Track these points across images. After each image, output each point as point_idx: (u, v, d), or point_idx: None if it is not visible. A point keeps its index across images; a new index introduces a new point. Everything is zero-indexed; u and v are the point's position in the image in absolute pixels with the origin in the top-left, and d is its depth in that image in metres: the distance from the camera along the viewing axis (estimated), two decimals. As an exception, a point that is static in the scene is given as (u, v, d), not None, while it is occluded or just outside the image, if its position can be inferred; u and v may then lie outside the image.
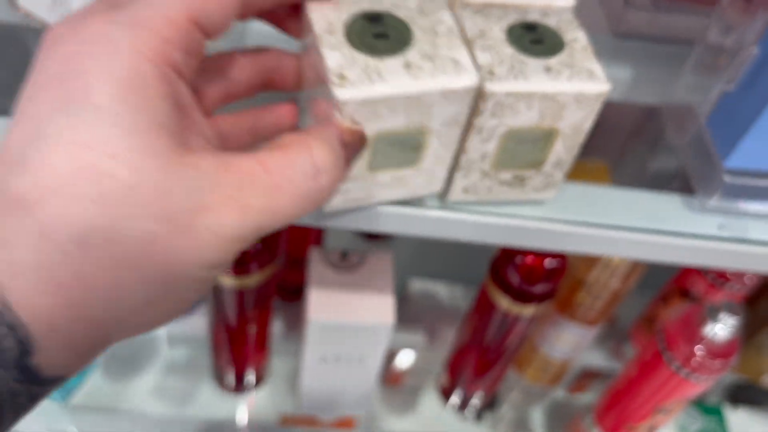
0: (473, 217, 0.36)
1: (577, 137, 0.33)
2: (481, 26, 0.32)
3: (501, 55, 0.31)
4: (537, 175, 0.35)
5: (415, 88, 0.27)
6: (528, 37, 0.32)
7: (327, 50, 0.27)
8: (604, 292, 0.58)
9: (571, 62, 0.31)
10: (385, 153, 0.30)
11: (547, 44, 0.32)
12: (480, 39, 0.31)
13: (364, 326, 0.53)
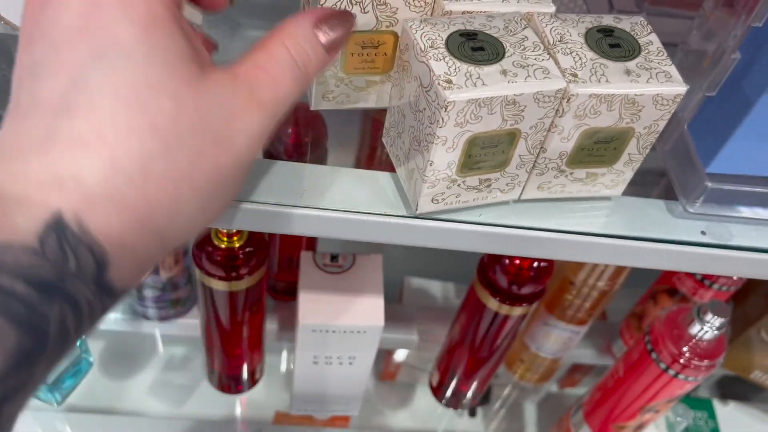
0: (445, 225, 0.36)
1: (650, 137, 0.35)
2: (560, 32, 0.34)
3: (582, 59, 0.33)
4: (609, 173, 0.37)
5: (512, 90, 0.30)
6: (606, 41, 0.34)
7: (433, 61, 0.30)
8: (593, 293, 0.59)
9: (648, 65, 0.33)
10: (477, 156, 0.33)
11: (624, 48, 0.34)
12: (560, 43, 0.33)
13: (354, 328, 0.53)
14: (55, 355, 0.22)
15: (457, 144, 0.32)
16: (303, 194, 0.36)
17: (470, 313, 0.58)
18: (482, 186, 0.35)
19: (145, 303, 0.66)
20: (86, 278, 0.22)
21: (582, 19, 0.35)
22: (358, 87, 0.37)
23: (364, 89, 0.37)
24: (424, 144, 0.33)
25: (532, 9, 0.35)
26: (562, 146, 0.34)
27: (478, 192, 0.35)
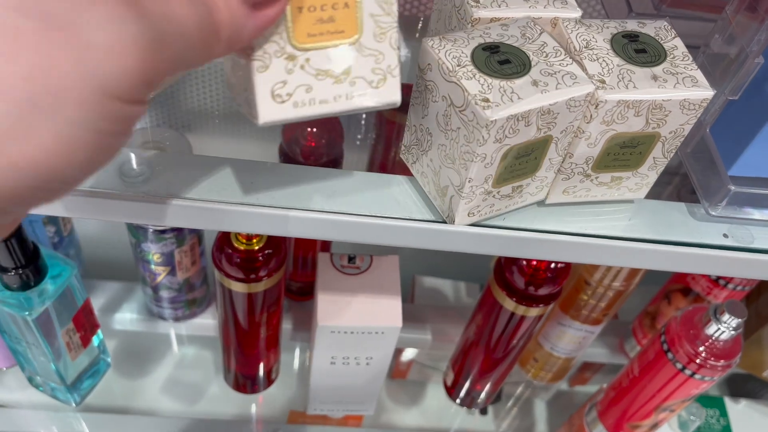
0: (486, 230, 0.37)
1: (675, 141, 0.36)
2: (585, 38, 0.34)
3: (609, 65, 0.33)
4: (634, 176, 0.37)
5: (547, 100, 0.30)
6: (632, 46, 0.34)
7: (465, 80, 0.30)
8: (608, 293, 0.59)
9: (674, 70, 0.34)
10: (511, 166, 0.33)
11: (650, 53, 0.34)
12: (587, 50, 0.34)
13: (373, 329, 0.53)
14: None
15: (495, 159, 0.32)
16: (331, 197, 0.36)
17: (486, 313, 0.58)
18: (514, 193, 0.35)
19: (161, 303, 0.67)
20: None
21: (606, 24, 0.35)
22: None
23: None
24: (460, 162, 0.33)
25: (558, 14, 0.35)
26: (588, 151, 0.35)
27: (510, 199, 0.36)
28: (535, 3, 0.35)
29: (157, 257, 0.60)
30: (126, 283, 0.71)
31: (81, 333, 0.57)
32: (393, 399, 0.79)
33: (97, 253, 0.73)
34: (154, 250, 0.59)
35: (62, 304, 0.53)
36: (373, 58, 0.28)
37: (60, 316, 0.53)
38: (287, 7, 0.25)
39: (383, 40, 0.28)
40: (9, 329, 0.54)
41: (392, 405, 0.78)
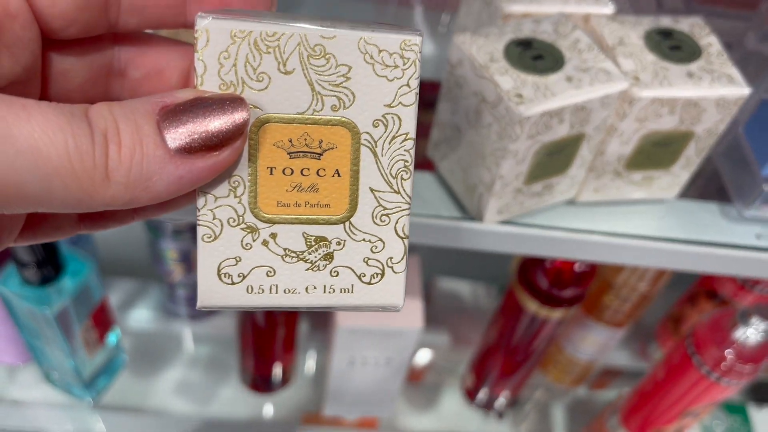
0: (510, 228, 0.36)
1: (709, 139, 0.35)
2: (619, 34, 0.33)
3: (644, 62, 0.33)
4: (665, 175, 0.37)
5: (581, 97, 0.30)
6: (666, 43, 0.34)
7: (498, 76, 0.30)
8: (633, 295, 0.58)
9: (710, 67, 0.33)
10: (542, 164, 0.32)
11: (685, 50, 0.34)
12: (620, 46, 0.33)
13: (392, 331, 0.53)
14: None
15: (527, 156, 0.31)
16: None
17: (508, 315, 0.57)
18: (545, 191, 0.35)
19: (176, 302, 0.66)
20: None
21: (640, 20, 0.35)
22: None
23: None
24: (491, 159, 0.32)
25: (590, 9, 0.34)
26: (621, 149, 0.34)
27: (540, 197, 0.35)
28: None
29: (174, 255, 0.59)
30: (141, 281, 0.71)
31: (98, 330, 0.57)
32: (408, 402, 0.78)
33: (113, 250, 0.73)
34: (172, 247, 0.58)
35: (80, 301, 0.53)
36: (368, 245, 0.20)
37: (78, 313, 0.53)
38: (254, 165, 0.18)
39: (385, 224, 0.20)
40: (27, 324, 0.54)
41: (407, 408, 0.77)
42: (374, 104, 0.18)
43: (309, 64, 0.18)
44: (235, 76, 0.17)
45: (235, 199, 0.19)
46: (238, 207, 0.19)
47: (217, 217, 0.19)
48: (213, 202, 0.19)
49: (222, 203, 0.19)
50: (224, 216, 0.19)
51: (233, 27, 0.17)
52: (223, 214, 0.19)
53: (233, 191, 0.19)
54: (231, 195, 0.19)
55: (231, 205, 0.19)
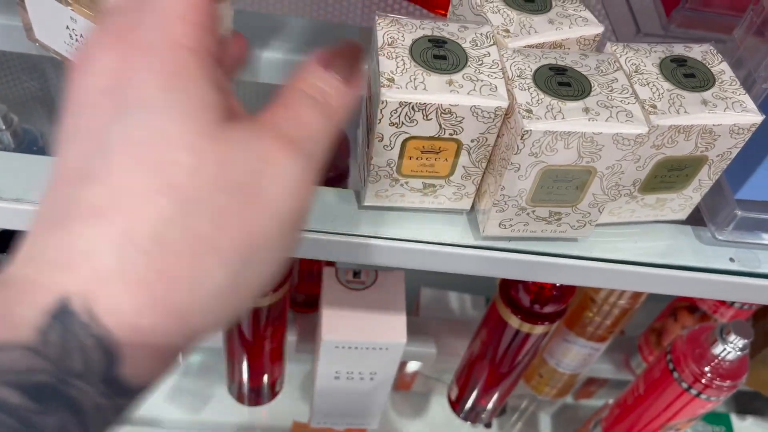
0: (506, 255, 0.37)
1: (722, 163, 0.36)
2: (635, 62, 0.35)
3: (660, 90, 0.34)
4: (678, 198, 0.38)
5: (591, 128, 0.31)
6: (681, 71, 0.35)
7: (517, 90, 0.31)
8: (614, 311, 0.59)
9: (723, 95, 0.34)
10: (549, 188, 0.33)
11: (699, 78, 0.35)
12: (637, 74, 0.34)
13: (377, 345, 0.53)
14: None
15: (530, 173, 0.32)
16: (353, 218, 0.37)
17: (491, 329, 0.58)
18: (552, 219, 0.36)
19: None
20: (93, 377, 0.19)
21: (653, 48, 0.36)
22: (414, 188, 0.36)
23: (421, 191, 0.36)
24: (498, 169, 0.33)
25: (583, 32, 0.35)
26: (636, 174, 0.35)
27: (548, 224, 0.36)
28: (560, 24, 0.36)
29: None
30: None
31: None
32: (397, 410, 0.79)
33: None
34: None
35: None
36: (456, 187, 0.36)
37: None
38: (398, 152, 0.33)
39: (467, 179, 0.35)
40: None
41: (396, 416, 0.78)
42: (473, 133, 0.33)
43: (441, 116, 0.32)
44: (398, 120, 0.31)
45: (390, 170, 0.34)
46: (390, 171, 0.34)
47: (379, 174, 0.35)
48: (377, 173, 0.35)
49: (381, 173, 0.35)
50: (383, 174, 0.35)
51: (401, 97, 0.31)
52: (382, 173, 0.35)
53: (389, 167, 0.34)
54: (387, 168, 0.34)
55: (387, 170, 0.34)
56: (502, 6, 0.36)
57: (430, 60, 0.32)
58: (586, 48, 0.37)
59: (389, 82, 0.31)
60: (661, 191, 0.37)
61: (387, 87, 0.31)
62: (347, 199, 0.38)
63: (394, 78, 0.31)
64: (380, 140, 0.33)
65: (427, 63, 0.32)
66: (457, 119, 0.32)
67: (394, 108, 0.31)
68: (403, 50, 0.32)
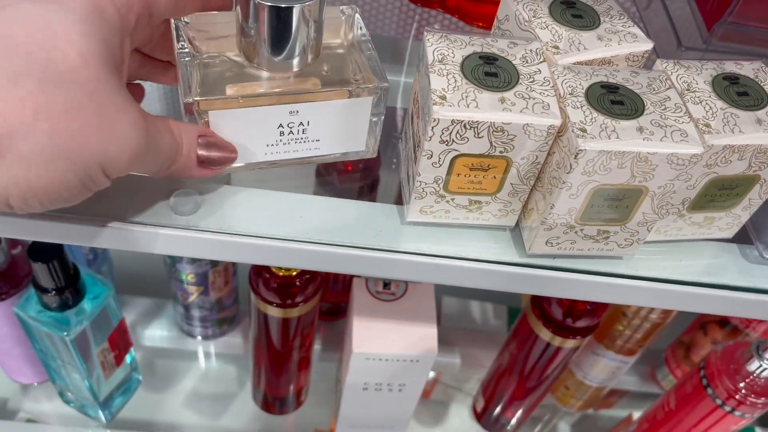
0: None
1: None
2: (686, 80, 0.34)
3: (713, 109, 0.33)
4: (726, 216, 0.37)
5: (646, 148, 0.30)
6: (734, 89, 0.34)
7: (570, 108, 0.31)
8: (645, 325, 0.58)
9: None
10: (599, 206, 0.33)
11: (752, 96, 0.34)
12: (689, 92, 0.34)
13: (408, 358, 0.53)
14: None
15: (581, 192, 0.32)
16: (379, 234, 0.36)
17: (521, 341, 0.57)
18: (600, 237, 0.35)
19: (191, 322, 0.67)
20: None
21: (704, 65, 0.36)
22: (460, 205, 0.36)
23: (466, 207, 0.36)
24: (548, 187, 0.33)
25: (633, 49, 0.35)
26: (686, 193, 0.35)
27: (595, 242, 0.35)
28: (609, 41, 0.36)
29: (191, 277, 0.60)
30: (157, 300, 0.71)
31: (115, 352, 0.57)
32: (416, 418, 0.78)
33: (129, 268, 0.74)
34: (189, 270, 0.59)
35: (98, 324, 0.53)
36: (502, 204, 0.36)
37: (96, 336, 0.54)
38: (450, 173, 0.34)
39: (514, 196, 0.35)
40: (45, 347, 0.54)
41: (415, 424, 0.77)
42: (524, 151, 0.32)
43: (492, 134, 0.31)
44: (449, 137, 0.31)
45: (436, 186, 0.34)
46: (437, 188, 0.34)
47: (426, 190, 0.35)
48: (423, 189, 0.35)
49: (428, 189, 0.34)
50: (430, 190, 0.35)
51: (453, 115, 0.30)
52: (429, 189, 0.35)
53: (435, 184, 0.34)
54: (434, 185, 0.34)
55: (434, 187, 0.34)
56: (551, 22, 0.36)
57: (482, 77, 0.32)
58: (635, 64, 0.36)
59: (441, 99, 0.31)
60: (709, 210, 0.36)
61: (439, 105, 0.30)
62: (390, 215, 0.38)
63: (446, 95, 0.31)
64: (429, 157, 0.32)
65: (478, 80, 0.32)
66: (509, 137, 0.32)
67: (445, 126, 0.31)
68: (454, 67, 0.32)
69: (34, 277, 0.49)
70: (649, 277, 0.37)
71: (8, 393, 0.66)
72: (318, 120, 0.35)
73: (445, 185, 0.34)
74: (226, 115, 0.33)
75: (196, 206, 0.36)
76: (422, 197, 0.35)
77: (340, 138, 0.37)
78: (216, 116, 0.33)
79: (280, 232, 0.35)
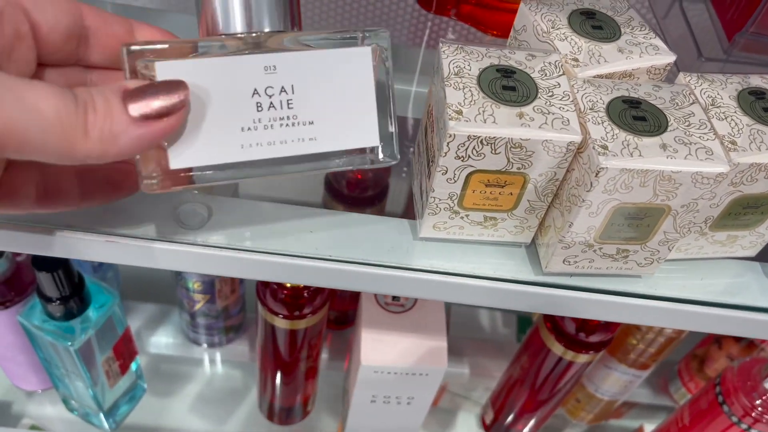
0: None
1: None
2: (710, 94, 0.33)
3: (739, 125, 0.32)
4: (750, 235, 0.36)
5: (669, 166, 0.29)
6: (760, 104, 0.33)
7: (591, 124, 0.30)
8: (659, 339, 0.57)
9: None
10: (619, 225, 0.32)
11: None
12: (713, 108, 0.33)
13: (417, 371, 0.52)
14: None
15: (601, 210, 0.31)
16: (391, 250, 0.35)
17: (532, 354, 0.56)
18: (619, 256, 0.34)
19: (197, 329, 0.66)
20: None
21: (729, 79, 0.34)
22: (475, 221, 0.35)
23: (481, 224, 0.35)
24: (566, 204, 0.32)
25: (654, 62, 0.34)
26: (710, 212, 0.34)
27: (614, 261, 0.34)
28: (630, 53, 0.34)
29: (198, 285, 0.59)
30: (163, 306, 0.71)
31: (120, 361, 0.57)
32: (423, 427, 0.77)
33: (135, 274, 0.73)
34: (195, 278, 0.58)
35: (103, 333, 0.53)
36: (519, 221, 0.35)
37: (101, 345, 0.53)
38: (465, 189, 0.32)
39: (531, 213, 0.34)
40: (49, 356, 0.53)
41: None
42: (542, 167, 0.31)
43: (510, 150, 0.30)
44: (465, 153, 0.30)
45: (451, 202, 0.33)
46: (451, 204, 0.33)
47: (439, 206, 0.34)
48: (436, 205, 0.33)
49: (442, 205, 0.34)
50: (443, 206, 0.34)
51: (470, 131, 0.29)
52: (443, 205, 0.34)
53: (450, 200, 0.33)
54: (448, 200, 0.33)
55: (448, 203, 0.33)
56: (570, 33, 0.35)
57: (499, 91, 0.31)
58: (656, 77, 0.35)
59: (457, 114, 0.30)
60: (733, 229, 0.35)
61: (455, 120, 0.29)
62: (402, 230, 0.37)
63: (462, 110, 0.30)
64: (443, 173, 0.31)
65: (495, 94, 0.31)
66: (527, 153, 0.31)
67: (461, 141, 0.30)
68: (471, 80, 0.31)
69: (38, 287, 0.48)
70: (669, 297, 0.36)
71: (12, 399, 0.65)
72: (306, 84, 0.28)
73: (460, 201, 0.33)
74: (178, 69, 0.26)
75: (204, 220, 0.35)
76: (436, 213, 0.34)
77: (342, 120, 0.29)
78: (165, 70, 0.26)
79: (291, 248, 0.34)
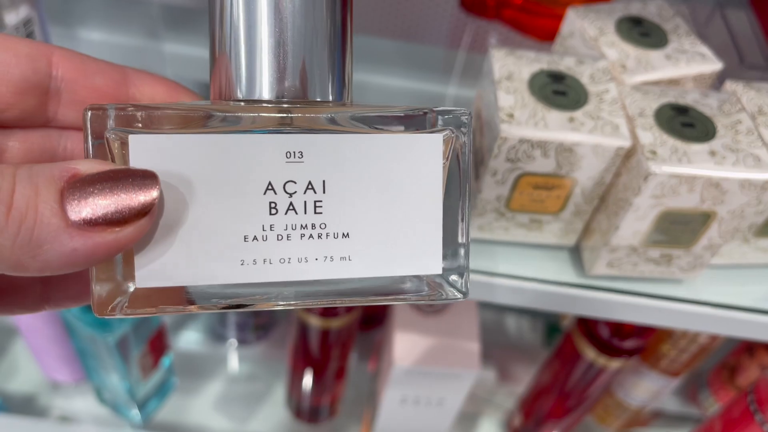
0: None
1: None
2: (757, 102, 0.34)
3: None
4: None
5: (718, 173, 0.30)
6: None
7: (640, 130, 0.31)
8: (692, 346, 0.57)
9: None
10: (665, 230, 0.32)
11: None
12: (760, 115, 0.33)
13: (449, 372, 0.52)
14: None
15: (648, 215, 0.31)
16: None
17: (564, 360, 0.56)
18: (662, 260, 0.34)
19: (227, 327, 0.66)
20: None
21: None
22: (520, 223, 0.35)
23: (526, 226, 0.35)
24: (613, 208, 0.32)
25: (702, 69, 0.34)
26: (754, 218, 0.34)
27: (657, 265, 0.35)
28: (677, 60, 0.35)
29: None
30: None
31: (153, 355, 0.57)
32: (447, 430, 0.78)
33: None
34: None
35: (140, 328, 0.53)
36: (564, 224, 0.35)
37: (137, 339, 0.54)
38: (510, 187, 0.32)
39: (577, 216, 0.35)
40: (86, 348, 0.54)
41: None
42: (591, 171, 0.32)
43: (560, 154, 0.31)
44: (515, 156, 0.31)
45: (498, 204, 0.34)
46: (500, 207, 0.34)
47: (486, 209, 0.34)
48: (483, 206, 0.34)
49: (489, 206, 0.34)
50: (490, 207, 0.34)
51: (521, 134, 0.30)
52: (489, 207, 0.34)
53: (497, 201, 0.33)
54: (495, 201, 0.33)
55: (497, 207, 0.34)
56: (618, 40, 0.35)
57: (550, 95, 0.31)
58: (702, 85, 0.35)
59: (509, 117, 0.30)
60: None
61: (507, 123, 0.30)
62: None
63: (514, 114, 0.30)
64: (493, 175, 0.32)
65: (546, 99, 0.31)
66: (577, 157, 0.31)
67: (512, 144, 0.30)
68: (521, 84, 0.31)
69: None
70: (710, 302, 0.36)
71: (43, 390, 0.66)
72: (344, 181, 0.17)
73: (507, 203, 0.33)
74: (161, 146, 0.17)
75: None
76: (481, 215, 0.34)
77: (391, 235, 0.18)
78: (140, 147, 0.17)
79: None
